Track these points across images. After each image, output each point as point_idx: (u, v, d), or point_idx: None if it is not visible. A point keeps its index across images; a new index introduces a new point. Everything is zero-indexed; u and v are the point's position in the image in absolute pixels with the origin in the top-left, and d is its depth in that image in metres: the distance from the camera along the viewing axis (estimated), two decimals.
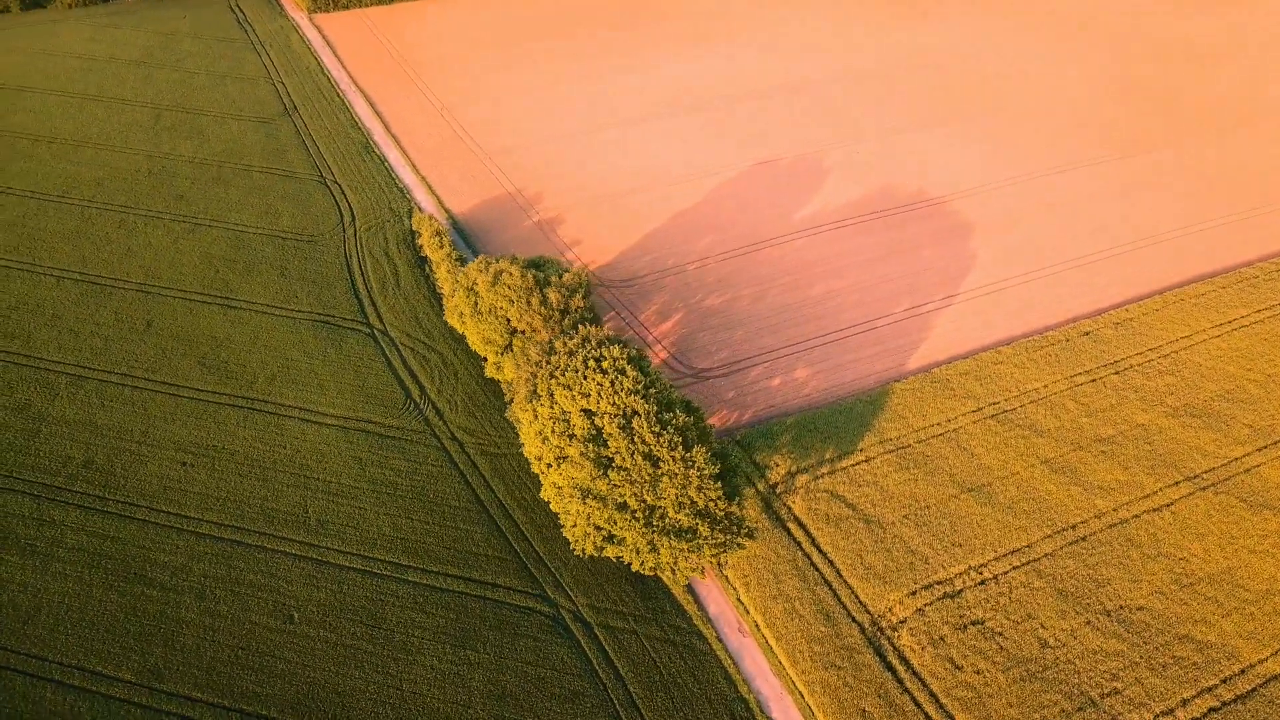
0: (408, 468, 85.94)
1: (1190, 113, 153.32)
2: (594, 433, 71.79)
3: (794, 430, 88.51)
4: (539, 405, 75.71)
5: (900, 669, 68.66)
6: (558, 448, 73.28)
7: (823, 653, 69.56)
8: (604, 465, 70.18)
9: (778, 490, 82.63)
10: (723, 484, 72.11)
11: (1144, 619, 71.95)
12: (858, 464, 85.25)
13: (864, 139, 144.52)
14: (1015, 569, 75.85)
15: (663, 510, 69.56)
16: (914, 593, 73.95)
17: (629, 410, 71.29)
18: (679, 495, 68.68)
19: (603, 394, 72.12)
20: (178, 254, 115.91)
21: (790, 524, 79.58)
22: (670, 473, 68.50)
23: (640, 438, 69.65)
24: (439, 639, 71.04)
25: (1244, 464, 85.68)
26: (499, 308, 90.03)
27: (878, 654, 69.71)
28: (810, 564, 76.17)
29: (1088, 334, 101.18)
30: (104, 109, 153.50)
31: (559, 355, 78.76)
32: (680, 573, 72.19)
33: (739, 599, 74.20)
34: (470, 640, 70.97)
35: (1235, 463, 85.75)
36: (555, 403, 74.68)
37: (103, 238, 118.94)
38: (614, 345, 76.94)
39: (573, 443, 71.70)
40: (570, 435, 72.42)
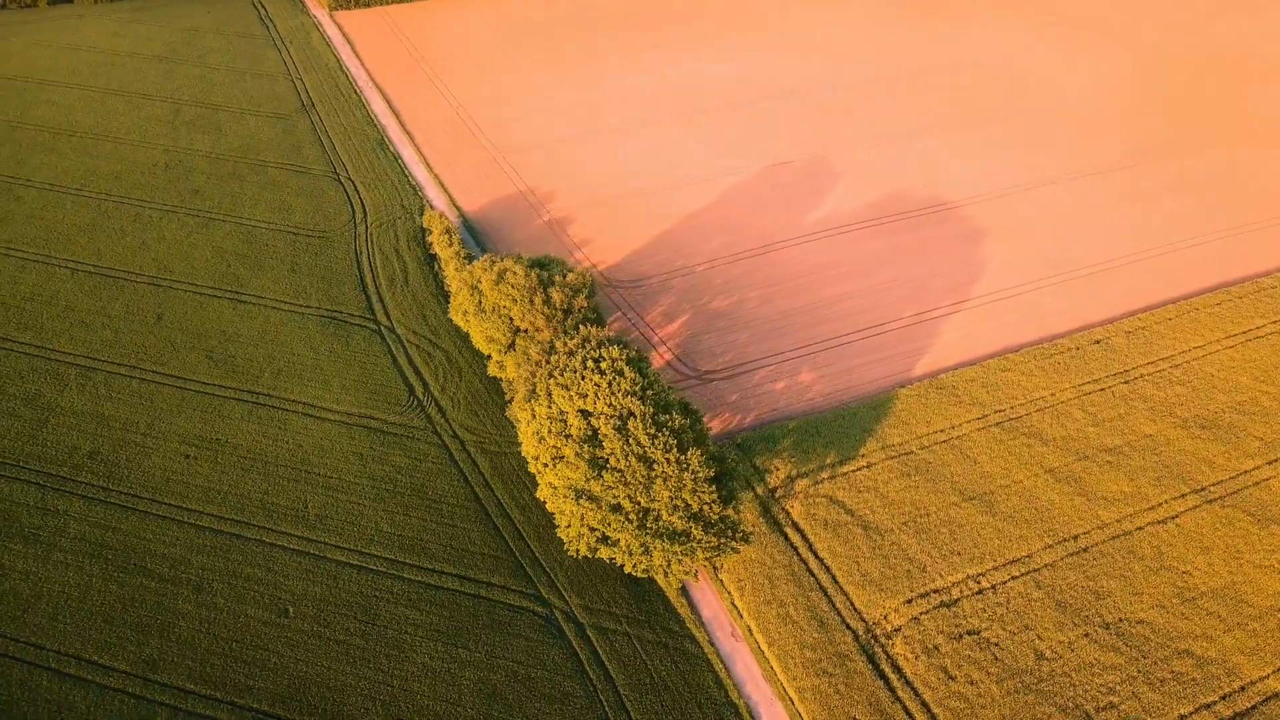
0: (408, 464, 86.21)
1: (1210, 120, 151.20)
2: (590, 433, 71.68)
3: (796, 434, 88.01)
4: (537, 405, 75.70)
5: (893, 677, 68.05)
6: (554, 448, 73.21)
7: (815, 659, 69.08)
8: (599, 466, 70.04)
9: (776, 495, 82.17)
10: (718, 487, 71.76)
11: (1143, 633, 70.93)
12: (859, 470, 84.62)
13: (879, 142, 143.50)
14: (1014, 579, 75.01)
15: (656, 513, 69.31)
16: (910, 601, 73.29)
17: (625, 411, 71.10)
18: (673, 498, 68.42)
19: (599, 395, 72.00)
20: (190, 248, 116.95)
21: (788, 529, 79.12)
22: (664, 475, 68.24)
23: (635, 439, 69.45)
24: (431, 636, 71.18)
25: (1253, 477, 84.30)
26: (502, 306, 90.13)
27: (870, 662, 69.13)
28: (806, 569, 75.68)
29: (1098, 342, 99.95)
30: (125, 103, 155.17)
31: (559, 355, 78.75)
32: (673, 575, 71.96)
33: (733, 603, 73.84)
34: (462, 638, 71.07)
35: (1244, 475, 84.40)
36: (553, 402, 74.62)
37: (118, 231, 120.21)
38: (613, 346, 76.77)
39: (568, 443, 71.62)
40: (566, 435, 72.34)
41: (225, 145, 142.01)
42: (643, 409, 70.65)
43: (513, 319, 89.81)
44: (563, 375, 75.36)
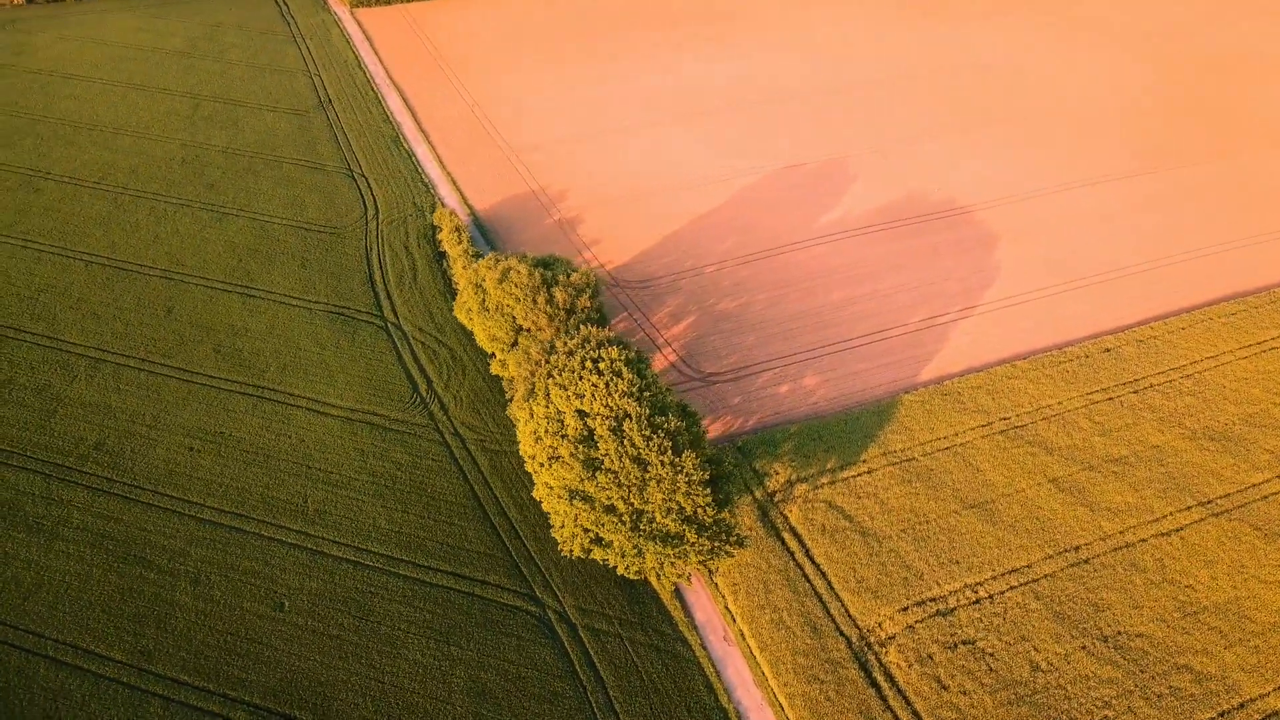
0: (408, 461, 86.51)
1: (1229, 126, 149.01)
2: (586, 434, 71.59)
3: (797, 438, 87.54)
4: (535, 404, 75.74)
5: (885, 686, 67.52)
6: (550, 447, 73.18)
7: (807, 665, 68.66)
8: (593, 467, 69.96)
9: (775, 499, 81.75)
10: (714, 491, 71.57)
11: (1142, 646, 69.98)
12: (859, 475, 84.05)
13: (893, 145, 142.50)
14: (1012, 589, 74.23)
15: (650, 515, 69.13)
16: (905, 609, 72.69)
17: (621, 413, 70.95)
18: (666, 500, 68.22)
19: (596, 395, 71.89)
20: (203, 242, 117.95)
21: (785, 533, 78.70)
22: (658, 477, 68.05)
23: (630, 441, 69.30)
24: (424, 633, 71.39)
25: (1262, 490, 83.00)
26: (505, 305, 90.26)
27: (863, 669, 68.63)
28: (802, 575, 75.24)
29: (1108, 351, 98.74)
30: (145, 98, 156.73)
31: (558, 355, 78.70)
32: (666, 578, 71.75)
33: (727, 607, 73.53)
34: (455, 636, 71.22)
35: (1253, 489, 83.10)
36: (551, 402, 74.64)
37: (133, 224, 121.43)
38: (613, 347, 76.62)
39: (564, 443, 71.56)
40: (563, 435, 72.30)
41: (242, 140, 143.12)
42: (639, 410, 70.46)
43: (515, 318, 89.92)
44: (561, 375, 75.35)
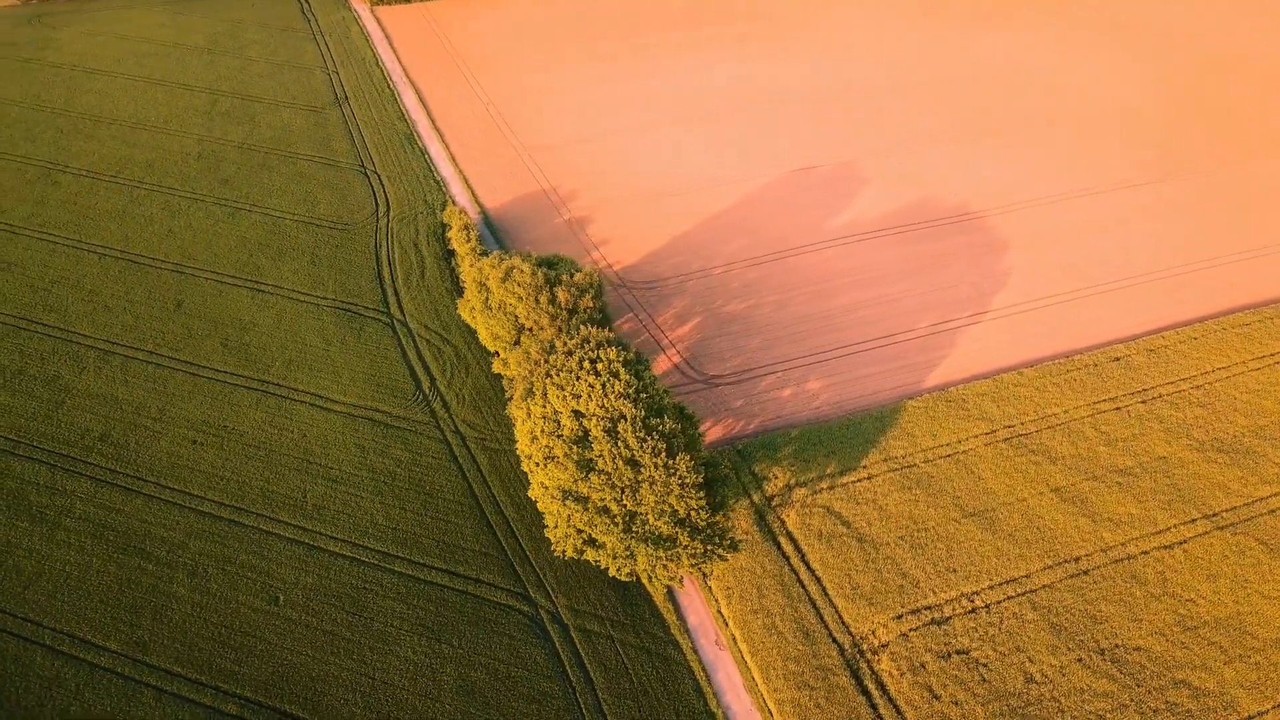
0: (408, 458, 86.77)
1: (1250, 134, 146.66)
2: (581, 434, 71.51)
3: (797, 443, 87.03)
4: (533, 404, 75.75)
5: (876, 694, 66.99)
6: (546, 447, 73.18)
7: (797, 671, 68.23)
8: (587, 468, 69.87)
9: (773, 503, 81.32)
10: (708, 494, 71.34)
11: (1140, 660, 69.01)
12: (859, 481, 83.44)
13: (907, 149, 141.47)
14: (1009, 599, 73.43)
15: (643, 517, 68.94)
16: (900, 617, 72.09)
17: (617, 414, 70.81)
18: (659, 502, 67.99)
19: (593, 396, 71.79)
20: (215, 236, 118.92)
21: (781, 538, 78.26)
22: (650, 479, 67.84)
23: (624, 442, 69.15)
24: (416, 630, 71.58)
25: (1269, 504, 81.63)
26: (508, 304, 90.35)
27: (854, 677, 68.10)
28: (797, 580, 74.78)
29: (1118, 359, 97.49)
30: (165, 93, 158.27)
31: (557, 355, 78.70)
32: (658, 580, 71.50)
33: (720, 611, 73.22)
34: (446, 634, 71.36)
35: (1260, 503, 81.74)
36: (548, 402, 74.63)
37: (147, 218, 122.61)
38: (611, 348, 76.55)
39: (560, 443, 71.52)
40: (558, 435, 72.27)
41: (258, 136, 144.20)
42: (634, 412, 70.28)
43: (518, 317, 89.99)
44: (559, 375, 75.35)
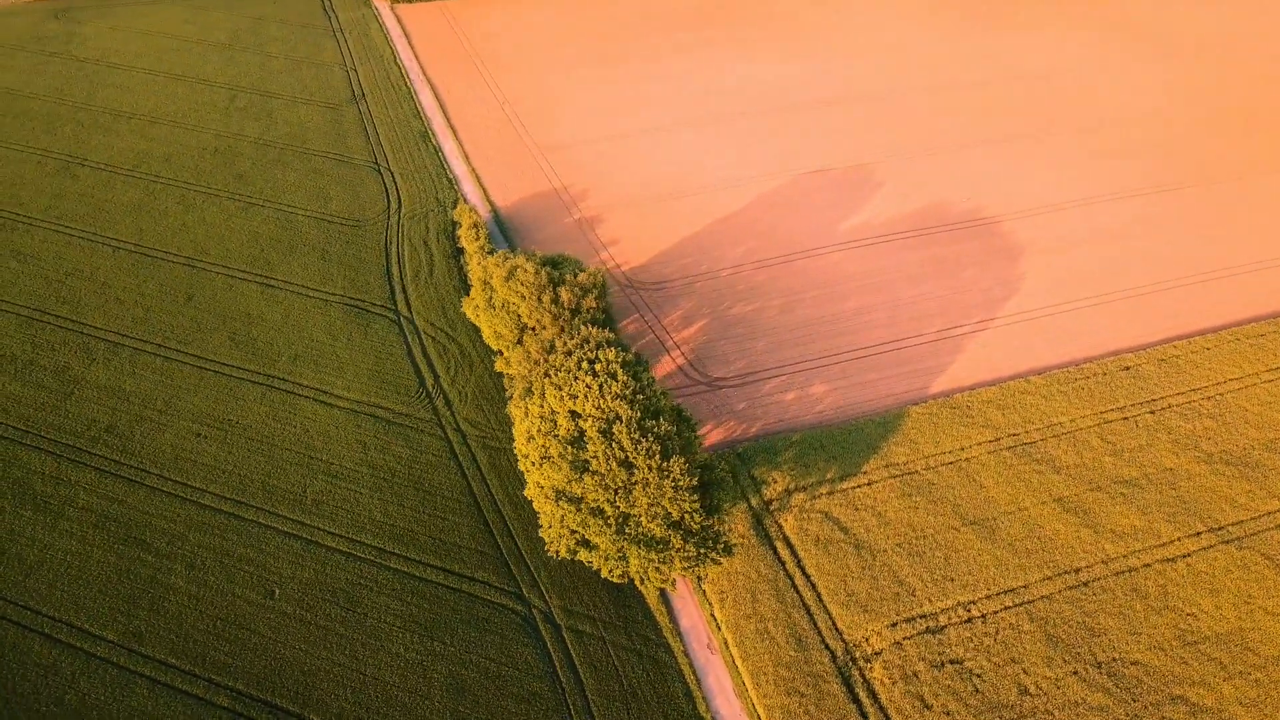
0: (408, 455, 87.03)
1: (1273, 143, 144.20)
2: (577, 435, 71.40)
3: (798, 447, 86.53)
4: (530, 403, 75.71)
5: (866, 702, 66.43)
6: (542, 447, 73.08)
7: (788, 678, 67.78)
8: (581, 468, 69.74)
9: (771, 507, 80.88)
10: (703, 497, 71.05)
11: (1137, 674, 68.02)
12: (859, 487, 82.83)
13: (922, 152, 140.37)
14: (1006, 609, 72.61)
15: (636, 518, 68.74)
16: (894, 624, 71.46)
17: (612, 415, 70.61)
18: (652, 504, 67.76)
19: (589, 396, 71.62)
20: (228, 231, 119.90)
21: (778, 542, 77.81)
22: (644, 481, 67.61)
23: (618, 443, 68.94)
24: (409, 627, 71.75)
25: (1277, 519, 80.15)
26: (511, 303, 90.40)
27: (845, 684, 67.59)
28: (791, 585, 74.32)
29: (1128, 369, 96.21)
30: (185, 88, 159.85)
31: (557, 354, 78.65)
32: (650, 583, 71.28)
33: (713, 614, 72.88)
34: (439, 631, 71.48)
35: (1267, 517, 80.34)
36: (545, 402, 74.54)
37: (162, 212, 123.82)
38: (610, 348, 76.33)
39: (555, 443, 71.43)
40: (554, 435, 72.17)
41: (274, 132, 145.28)
42: (629, 413, 70.04)
43: (520, 316, 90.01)
44: (557, 375, 75.22)
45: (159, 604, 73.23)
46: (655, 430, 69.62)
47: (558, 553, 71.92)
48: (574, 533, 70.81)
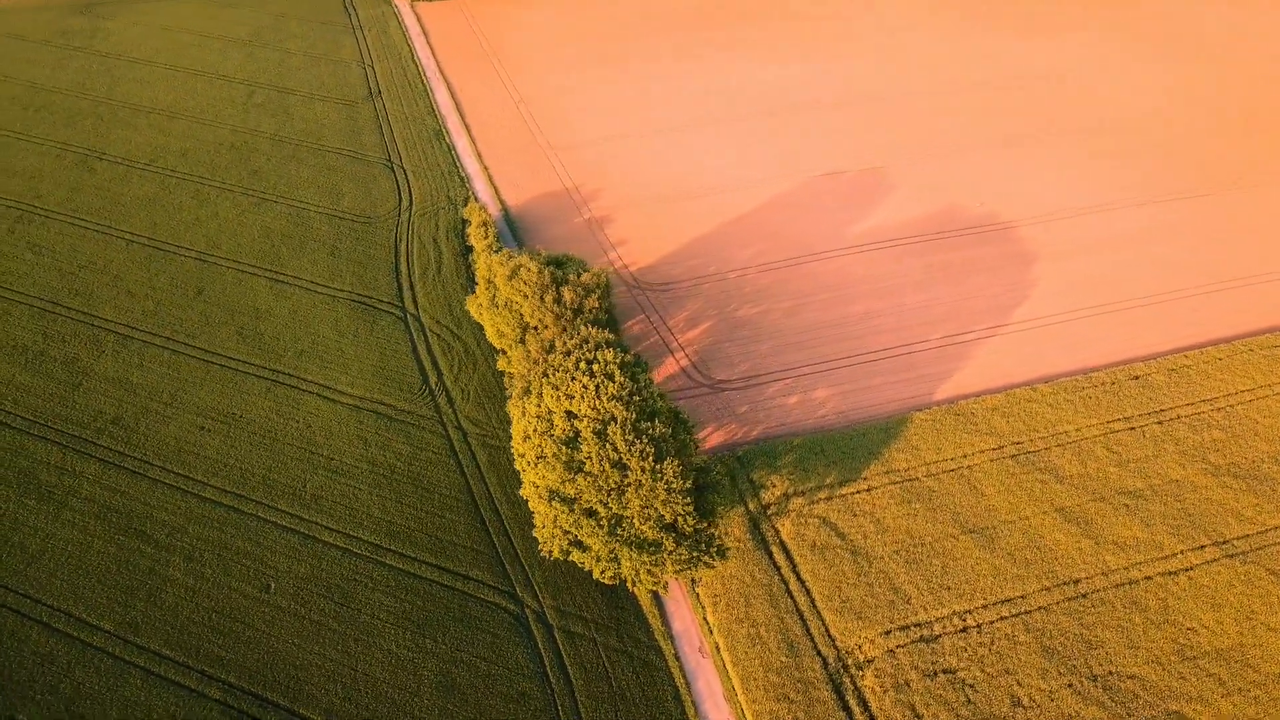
0: (409, 452, 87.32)
1: None
2: (572, 435, 71.37)
3: (799, 451, 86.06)
4: (528, 402, 75.78)
5: (856, 710, 65.95)
6: (538, 446, 73.08)
7: (778, 684, 67.42)
8: (575, 469, 69.69)
9: (769, 511, 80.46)
10: (698, 500, 70.80)
11: (1133, 688, 67.11)
12: (858, 493, 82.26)
13: (938, 156, 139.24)
14: (1002, 619, 71.86)
15: (629, 520, 68.59)
16: (888, 632, 70.90)
17: (608, 415, 70.52)
18: (644, 506, 67.62)
19: (585, 397, 71.58)
20: (240, 226, 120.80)
21: (774, 547, 77.41)
22: (636, 482, 67.48)
23: (612, 444, 68.85)
24: (401, 624, 71.96)
25: None
26: (514, 302, 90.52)
27: (836, 691, 67.12)
28: (785, 590, 73.91)
29: (1137, 378, 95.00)
30: (205, 83, 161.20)
31: (556, 354, 78.64)
32: (642, 585, 71.11)
33: (705, 618, 72.63)
34: (431, 629, 71.65)
35: (1273, 531, 79.05)
36: (542, 401, 74.58)
37: (176, 206, 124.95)
38: (609, 349, 76.27)
39: (550, 443, 71.42)
40: (550, 435, 72.17)
41: (290, 128, 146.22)
42: (625, 415, 69.95)
43: (523, 315, 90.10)
44: (555, 375, 75.25)
45: (156, 595, 73.87)
46: (650, 432, 69.50)
47: (550, 553, 71.89)
48: (567, 533, 70.78)
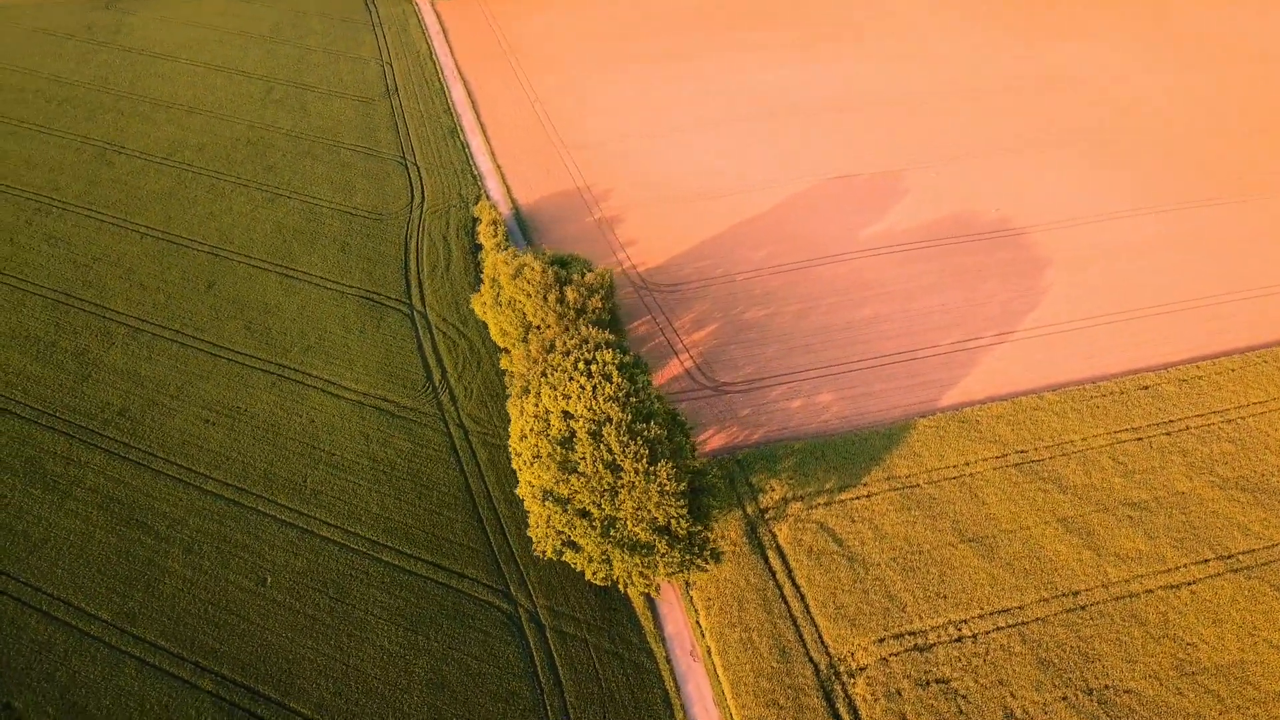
0: (409, 449, 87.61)
1: None
2: (568, 435, 71.28)
3: (799, 456, 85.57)
4: (526, 402, 75.75)
5: (846, 717, 65.43)
6: (534, 446, 73.05)
7: (769, 689, 67.04)
8: (569, 469, 69.61)
9: (766, 515, 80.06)
10: (692, 503, 70.51)
11: (1129, 703, 66.18)
12: (857, 498, 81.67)
13: (954, 160, 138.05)
14: (998, 630, 71.11)
15: (622, 521, 68.42)
16: (882, 640, 70.33)
17: (603, 416, 70.36)
18: (637, 508, 67.42)
19: (581, 397, 71.46)
20: (253, 221, 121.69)
21: (770, 551, 77.00)
22: (630, 484, 67.30)
23: (606, 445, 68.69)
24: (394, 621, 72.19)
25: None
26: (517, 301, 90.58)
27: (826, 698, 66.66)
28: (780, 595, 73.50)
29: (1146, 388, 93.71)
30: (224, 79, 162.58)
31: (555, 354, 78.56)
32: (634, 587, 70.92)
33: (698, 621, 72.34)
34: (424, 626, 71.82)
35: None
36: (540, 401, 74.52)
37: (191, 200, 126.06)
38: (608, 350, 76.07)
39: (545, 442, 71.37)
40: (545, 435, 72.11)
41: (306, 125, 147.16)
42: (620, 416, 69.74)
43: (526, 314, 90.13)
44: (554, 375, 75.16)
45: (154, 586, 74.51)
46: (645, 434, 69.24)
47: (544, 553, 71.91)
48: (560, 533, 70.71)
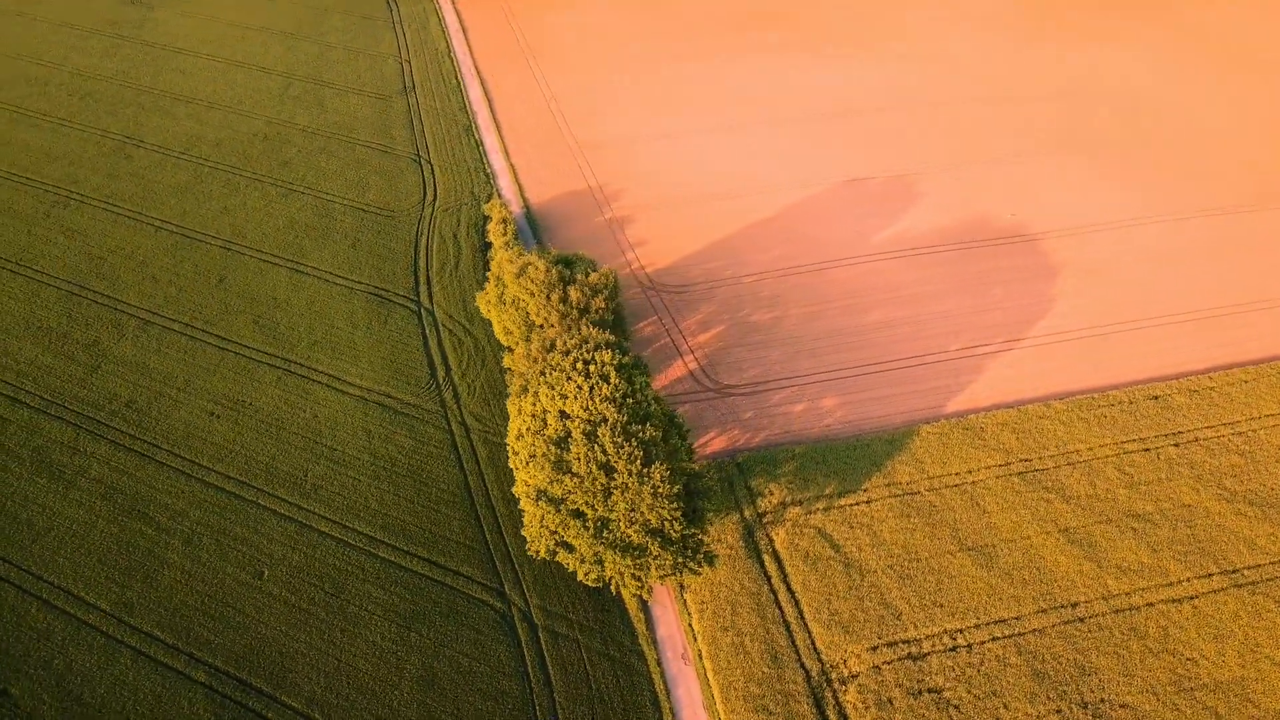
0: (411, 446, 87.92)
1: None
2: (564, 435, 71.24)
3: (800, 460, 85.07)
4: (524, 401, 75.78)
5: None
6: (530, 445, 73.09)
7: (759, 695, 66.69)
8: (563, 469, 69.54)
9: (764, 519, 79.67)
10: (687, 505, 70.25)
11: (1124, 718, 65.28)
12: (856, 504, 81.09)
13: (969, 165, 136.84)
14: (994, 640, 70.35)
15: (615, 523, 68.29)
16: (875, 648, 69.78)
17: (599, 417, 70.28)
18: (630, 510, 67.25)
19: (578, 397, 71.40)
20: (267, 216, 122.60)
21: (766, 556, 76.60)
22: (623, 485, 67.15)
23: (601, 446, 68.58)
24: (388, 617, 72.44)
25: None
26: (521, 300, 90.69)
27: (817, 705, 66.21)
28: (774, 600, 73.09)
29: (1155, 398, 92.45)
30: (244, 74, 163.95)
31: (555, 353, 78.55)
32: (626, 589, 70.77)
33: (690, 625, 72.09)
34: (417, 623, 72.02)
35: None
36: (538, 400, 74.54)
37: (206, 194, 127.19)
38: (607, 350, 75.95)
39: (541, 442, 71.36)
40: (542, 434, 72.11)
41: (323, 121, 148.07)
42: (616, 416, 69.63)
43: (529, 313, 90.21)
44: (552, 374, 75.15)
45: (152, 577, 75.20)
46: (640, 435, 69.09)
47: (538, 553, 71.90)
48: (554, 534, 70.67)
